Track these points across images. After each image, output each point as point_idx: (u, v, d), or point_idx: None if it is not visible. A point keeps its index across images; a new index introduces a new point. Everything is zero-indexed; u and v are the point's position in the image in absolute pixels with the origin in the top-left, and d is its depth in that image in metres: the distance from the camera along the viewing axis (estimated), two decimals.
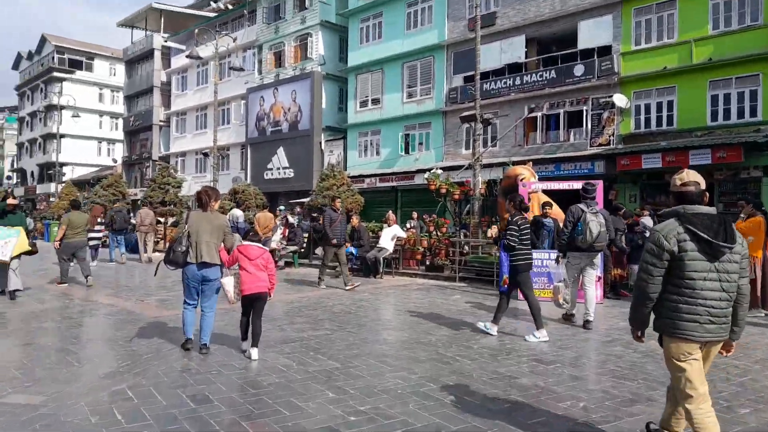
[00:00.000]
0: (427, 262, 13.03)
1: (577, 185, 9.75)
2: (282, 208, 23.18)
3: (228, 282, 5.72)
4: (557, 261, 8.22)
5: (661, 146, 19.45)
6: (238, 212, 14.29)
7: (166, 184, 22.74)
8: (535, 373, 5.12)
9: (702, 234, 2.96)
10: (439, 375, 5.01)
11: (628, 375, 5.09)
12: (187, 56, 24.63)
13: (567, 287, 7.94)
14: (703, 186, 3.17)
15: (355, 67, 29.56)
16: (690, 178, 3.19)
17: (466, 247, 12.41)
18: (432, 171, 13.04)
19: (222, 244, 5.91)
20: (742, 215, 8.93)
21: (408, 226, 14.78)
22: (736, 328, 3.16)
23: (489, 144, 17.93)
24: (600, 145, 21.64)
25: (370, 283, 12.10)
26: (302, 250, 15.78)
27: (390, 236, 12.83)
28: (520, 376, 5.00)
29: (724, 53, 18.82)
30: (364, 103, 29.59)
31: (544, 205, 9.90)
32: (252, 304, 5.73)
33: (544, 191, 10.37)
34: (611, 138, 21.44)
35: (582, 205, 7.91)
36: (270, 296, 5.85)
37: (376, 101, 29.00)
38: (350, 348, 6.06)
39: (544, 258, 9.63)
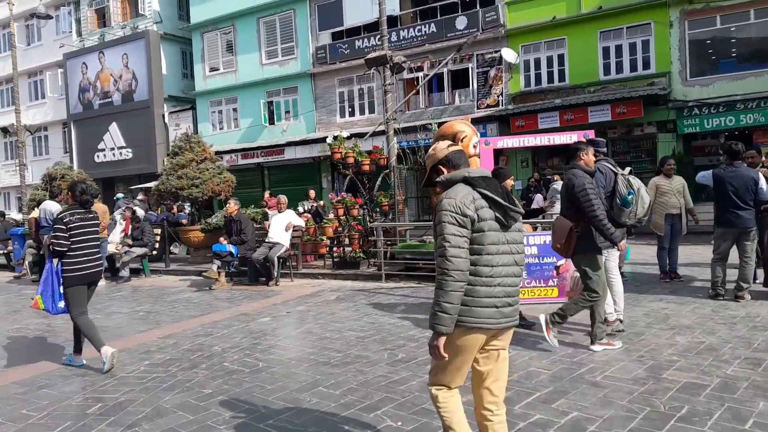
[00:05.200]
0: (334, 257, 9.89)
1: (560, 138, 7.33)
2: (120, 196, 18.49)
3: None
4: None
5: (556, 104, 17.95)
6: (52, 205, 9.93)
7: None
8: None
9: (498, 198, 2.53)
10: None
11: None
12: None
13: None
14: None
15: (199, 24, 24.97)
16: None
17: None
18: (336, 136, 9.79)
19: None
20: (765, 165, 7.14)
21: (300, 210, 11.43)
22: None
23: (399, 101, 14.85)
24: (488, 106, 19.73)
25: (263, 295, 8.69)
26: (154, 252, 11.76)
27: (283, 225, 9.43)
28: None
29: (614, 1, 17.58)
30: (214, 67, 25.17)
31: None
32: None
33: (499, 150, 7.71)
34: (500, 98, 19.61)
35: (609, 165, 5.41)
36: None
37: (229, 64, 24.74)
38: None
39: (540, 243, 6.93)
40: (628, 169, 5.56)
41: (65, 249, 5.08)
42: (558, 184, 15.69)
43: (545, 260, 6.75)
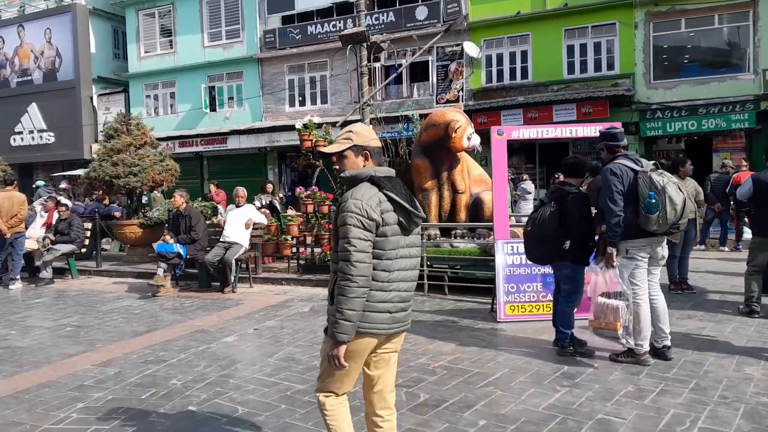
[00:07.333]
0: (300, 259, 8.65)
1: (583, 131, 6.31)
2: (41, 184, 16.39)
3: None
4: (608, 260, 4.67)
5: (519, 101, 17.34)
6: None
7: None
8: None
9: (402, 202, 2.44)
10: None
11: None
12: None
13: (628, 304, 4.63)
14: None
15: (134, 0, 22.85)
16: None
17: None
18: (308, 119, 8.51)
19: None
20: None
21: (258, 204, 10.07)
22: None
23: (367, 94, 13.50)
24: (447, 101, 18.89)
25: (219, 305, 7.34)
26: (83, 250, 10.07)
27: (242, 222, 8.10)
28: None
29: None
30: (150, 47, 23.11)
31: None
32: None
33: (511, 143, 6.75)
34: (460, 93, 18.83)
35: (628, 162, 4.59)
36: None
37: (166, 45, 22.78)
38: None
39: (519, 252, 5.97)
40: (650, 163, 4.65)
41: None
42: (527, 184, 15.09)
43: None
